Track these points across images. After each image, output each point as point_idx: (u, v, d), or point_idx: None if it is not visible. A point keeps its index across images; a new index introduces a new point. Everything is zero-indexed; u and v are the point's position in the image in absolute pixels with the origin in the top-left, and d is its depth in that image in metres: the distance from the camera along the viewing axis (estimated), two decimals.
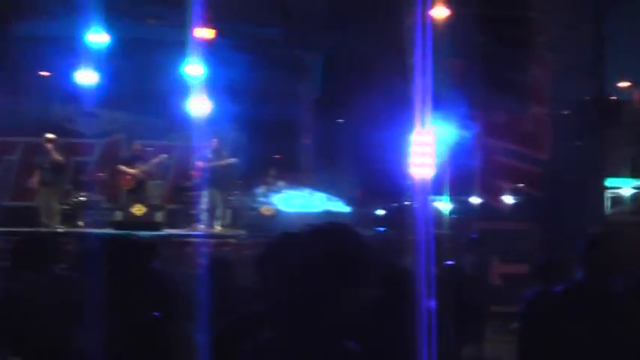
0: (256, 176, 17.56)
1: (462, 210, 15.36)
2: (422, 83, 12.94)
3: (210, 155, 16.57)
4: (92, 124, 19.50)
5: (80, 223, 16.47)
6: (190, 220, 16.40)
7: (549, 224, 14.36)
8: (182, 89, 17.93)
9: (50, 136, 16.06)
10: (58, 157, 15.90)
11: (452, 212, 15.30)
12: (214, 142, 16.74)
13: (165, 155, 17.24)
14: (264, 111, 18.43)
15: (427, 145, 13.79)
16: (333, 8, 17.30)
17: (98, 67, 18.08)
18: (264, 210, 15.64)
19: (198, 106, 17.70)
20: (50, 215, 15.65)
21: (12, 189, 18.52)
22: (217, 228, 15.97)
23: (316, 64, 18.87)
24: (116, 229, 15.19)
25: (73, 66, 18.20)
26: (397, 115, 14.30)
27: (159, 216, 15.82)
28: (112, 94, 19.27)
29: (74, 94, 18.98)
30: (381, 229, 15.51)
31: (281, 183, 17.31)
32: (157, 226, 15.32)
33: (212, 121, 17.70)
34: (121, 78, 19.33)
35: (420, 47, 12.94)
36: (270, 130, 18.54)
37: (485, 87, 14.62)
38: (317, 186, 17.01)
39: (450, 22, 14.76)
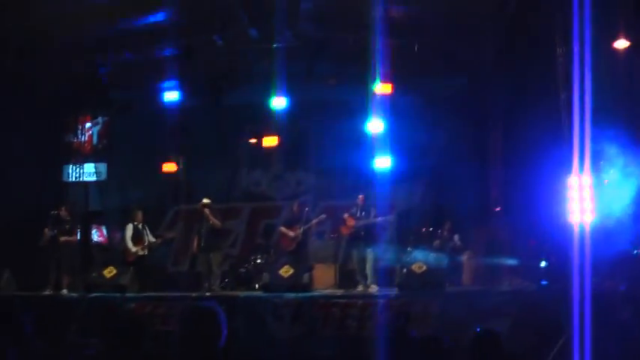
0: (432, 231, 16.98)
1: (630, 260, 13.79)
2: (581, 122, 11.94)
3: (358, 213, 16.23)
4: (279, 187, 19.90)
5: (256, 285, 16.66)
6: (349, 279, 16.14)
7: None
8: (365, 147, 17.83)
9: (206, 201, 16.27)
10: (215, 221, 16.18)
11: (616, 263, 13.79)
12: (360, 198, 16.34)
13: (324, 215, 17.04)
14: (445, 165, 17.95)
15: (586, 189, 12.69)
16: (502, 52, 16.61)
17: (282, 131, 18.50)
18: (416, 267, 14.93)
19: (381, 162, 17.52)
20: (211, 279, 15.91)
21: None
22: (373, 287, 15.48)
23: (497, 114, 18.04)
24: (264, 291, 15.24)
25: (260, 130, 18.76)
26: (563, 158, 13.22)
27: (306, 277, 15.56)
28: (297, 156, 19.65)
29: (260, 158, 19.54)
30: (544, 282, 14.33)
31: (456, 237, 16.60)
32: (303, 287, 15.12)
33: (394, 177, 17.42)
34: (305, 140, 19.67)
35: (578, 82, 12.00)
36: (449, 184, 17.92)
37: None
38: (490, 239, 16.15)
39: (614, 53, 13.65)
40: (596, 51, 12.07)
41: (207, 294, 15.23)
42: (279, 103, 17.96)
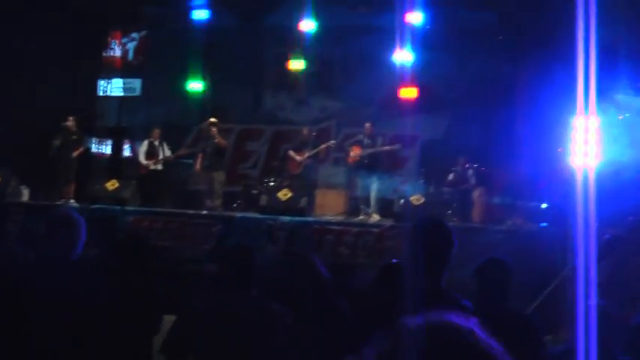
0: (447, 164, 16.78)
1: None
2: (586, 60, 11.54)
3: (365, 141, 16.10)
4: (303, 111, 19.78)
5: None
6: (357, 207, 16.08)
7: None
8: (391, 76, 17.55)
9: (213, 120, 16.45)
10: (221, 140, 16.29)
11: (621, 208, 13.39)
12: (367, 127, 16.19)
13: (333, 142, 17.01)
14: (471, 100, 17.59)
15: (592, 132, 12.28)
16: None
17: (309, 56, 18.33)
18: (414, 199, 14.82)
19: (406, 92, 17.27)
20: (213, 198, 16.05)
21: None
22: (375, 216, 15.45)
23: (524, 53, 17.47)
24: (260, 213, 15.30)
25: (288, 53, 18.60)
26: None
27: (304, 201, 15.56)
28: (322, 81, 19.48)
29: (286, 81, 19.42)
30: (543, 224, 14.09)
31: (470, 172, 16.37)
32: (298, 212, 15.16)
33: (419, 108, 17.16)
34: (331, 66, 19.46)
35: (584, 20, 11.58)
36: (473, 119, 17.59)
37: None
38: (505, 178, 15.87)
39: None
40: None
41: (204, 212, 15.37)
42: (307, 26, 17.79)
